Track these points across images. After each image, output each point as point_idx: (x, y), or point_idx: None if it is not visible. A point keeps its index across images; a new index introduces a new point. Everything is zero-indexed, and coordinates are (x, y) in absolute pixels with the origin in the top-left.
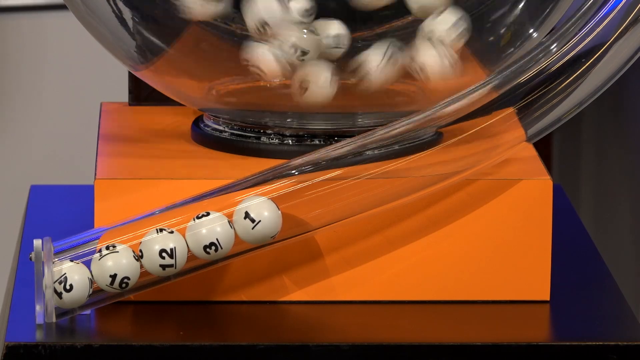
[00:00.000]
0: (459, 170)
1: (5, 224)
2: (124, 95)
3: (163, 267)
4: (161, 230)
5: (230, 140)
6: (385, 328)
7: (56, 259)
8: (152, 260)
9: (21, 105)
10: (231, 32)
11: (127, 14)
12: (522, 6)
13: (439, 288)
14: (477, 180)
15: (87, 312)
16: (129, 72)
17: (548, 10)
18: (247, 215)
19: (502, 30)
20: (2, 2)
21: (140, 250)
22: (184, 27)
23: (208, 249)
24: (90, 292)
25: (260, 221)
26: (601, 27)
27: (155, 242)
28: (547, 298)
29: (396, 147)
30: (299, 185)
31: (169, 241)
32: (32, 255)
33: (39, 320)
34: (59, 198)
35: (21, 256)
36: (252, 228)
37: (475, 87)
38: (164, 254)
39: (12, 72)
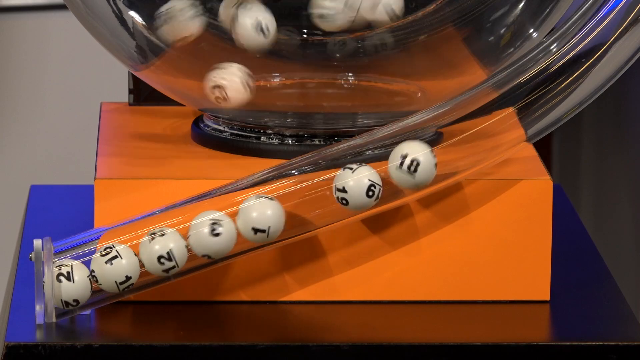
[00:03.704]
0: (459, 170)
1: (5, 224)
2: (124, 95)
3: (166, 270)
4: (153, 235)
5: (230, 140)
6: (385, 328)
7: (56, 259)
8: (154, 267)
9: (21, 105)
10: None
11: (127, 14)
12: (522, 6)
13: (439, 288)
14: (477, 180)
15: (87, 312)
16: (129, 72)
17: (548, 10)
18: (255, 229)
19: (502, 30)
20: (2, 2)
21: (140, 258)
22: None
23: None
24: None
25: (269, 228)
26: (601, 27)
27: (151, 249)
28: (547, 298)
29: (396, 147)
30: (299, 185)
31: (163, 246)
32: (32, 255)
33: (39, 320)
34: (59, 198)
35: (21, 256)
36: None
37: (475, 87)
38: (162, 260)
39: (12, 72)
